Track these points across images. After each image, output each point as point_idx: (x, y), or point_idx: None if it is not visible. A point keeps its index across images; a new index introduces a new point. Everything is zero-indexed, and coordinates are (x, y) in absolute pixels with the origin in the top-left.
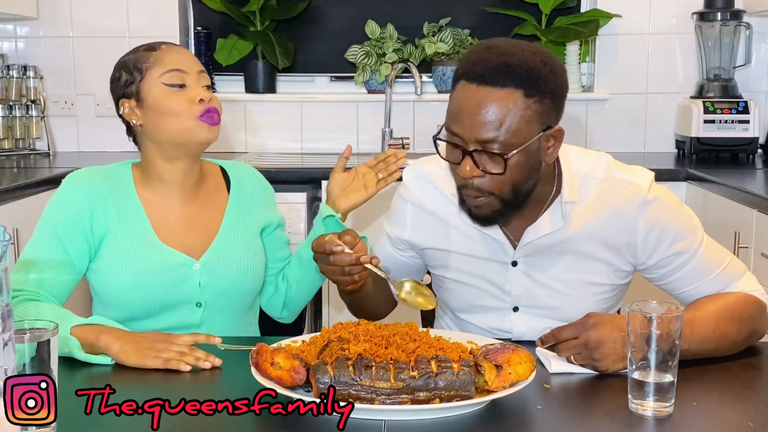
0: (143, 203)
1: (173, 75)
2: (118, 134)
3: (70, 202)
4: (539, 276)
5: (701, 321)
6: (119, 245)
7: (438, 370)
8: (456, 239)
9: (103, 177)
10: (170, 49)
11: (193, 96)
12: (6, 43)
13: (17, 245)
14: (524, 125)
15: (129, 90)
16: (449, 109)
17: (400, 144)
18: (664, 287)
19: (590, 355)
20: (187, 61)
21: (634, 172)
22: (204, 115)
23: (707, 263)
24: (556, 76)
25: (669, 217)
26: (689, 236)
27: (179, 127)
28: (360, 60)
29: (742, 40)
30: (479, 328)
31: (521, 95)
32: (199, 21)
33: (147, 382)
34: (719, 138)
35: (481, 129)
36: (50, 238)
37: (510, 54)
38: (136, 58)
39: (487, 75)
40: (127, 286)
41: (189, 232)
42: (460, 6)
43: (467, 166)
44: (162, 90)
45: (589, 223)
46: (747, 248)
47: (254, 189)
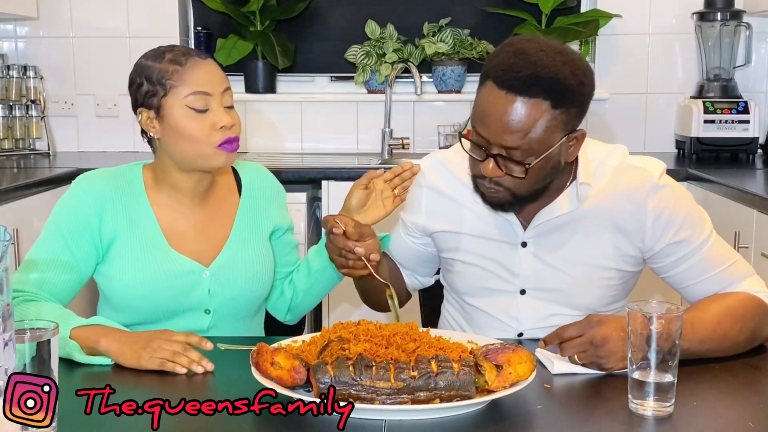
0: (154, 208)
1: (198, 98)
2: (118, 134)
3: (78, 205)
4: (548, 257)
5: (702, 320)
6: (129, 250)
7: (438, 370)
8: (468, 221)
9: (113, 179)
10: (197, 65)
11: (215, 122)
12: (6, 43)
13: (17, 245)
14: (549, 134)
15: (150, 102)
16: (476, 108)
17: (400, 144)
18: (670, 280)
19: (595, 352)
20: (213, 80)
21: (647, 160)
22: (224, 143)
23: (713, 258)
24: (584, 85)
25: (678, 205)
26: (697, 227)
27: (197, 151)
28: (360, 60)
29: (742, 40)
30: (486, 313)
31: (549, 106)
32: (199, 21)
33: (147, 382)
34: (719, 138)
35: (506, 136)
36: (56, 239)
37: (541, 65)
38: (160, 70)
39: (516, 84)
40: (136, 292)
41: (199, 238)
42: (460, 6)
43: (489, 166)
44: (184, 112)
45: (601, 204)
46: (747, 248)
47: (265, 191)
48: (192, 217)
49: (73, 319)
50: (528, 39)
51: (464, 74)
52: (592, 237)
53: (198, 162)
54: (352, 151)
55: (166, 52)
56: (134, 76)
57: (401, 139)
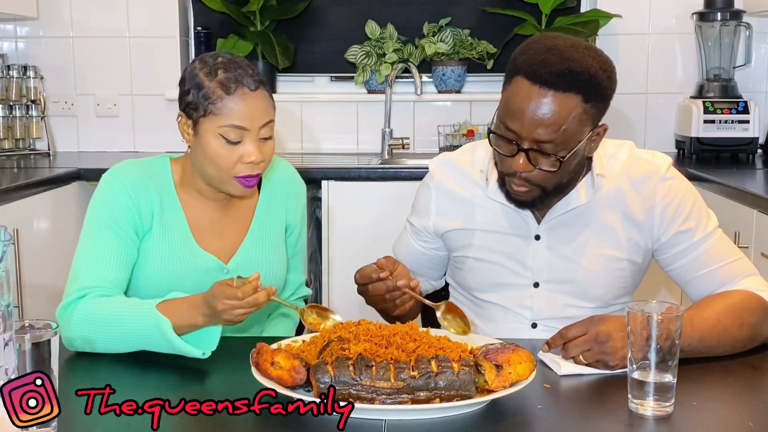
0: (182, 202)
1: (233, 131)
2: (118, 134)
3: (116, 195)
4: (562, 249)
5: (702, 317)
6: (157, 243)
7: (438, 369)
8: (480, 217)
9: (144, 171)
10: (243, 97)
11: (243, 155)
12: (6, 43)
13: (17, 245)
14: (579, 127)
15: (189, 113)
16: (506, 104)
17: (401, 144)
18: (673, 273)
19: (600, 349)
20: (255, 115)
21: (655, 154)
22: (243, 177)
23: (717, 253)
24: (612, 80)
25: (685, 195)
26: (703, 219)
27: (217, 176)
28: (360, 60)
29: (742, 40)
30: (499, 306)
31: (581, 100)
32: (199, 21)
33: (147, 382)
34: (719, 138)
35: (540, 129)
36: (102, 233)
37: (573, 60)
38: (208, 89)
39: (550, 79)
40: (158, 284)
41: (220, 234)
42: (460, 6)
43: (521, 160)
44: (217, 140)
45: (612, 195)
46: (747, 248)
47: (283, 188)
48: (215, 213)
49: (152, 301)
50: (554, 36)
51: (464, 74)
52: (604, 228)
53: (215, 183)
54: (352, 151)
55: (220, 69)
56: (185, 78)
57: (401, 139)
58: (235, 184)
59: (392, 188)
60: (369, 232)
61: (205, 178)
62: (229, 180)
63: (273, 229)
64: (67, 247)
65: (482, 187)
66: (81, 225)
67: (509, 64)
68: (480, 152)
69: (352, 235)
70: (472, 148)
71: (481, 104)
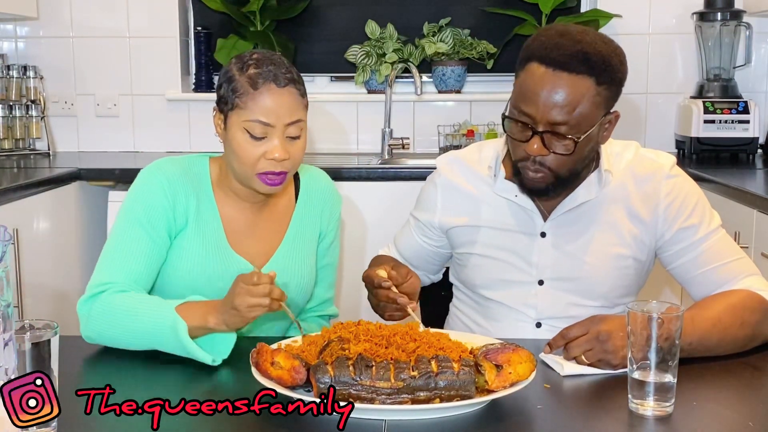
0: (218, 203)
1: (257, 126)
2: (118, 134)
3: (153, 192)
4: (567, 246)
5: (702, 316)
6: (192, 243)
7: (438, 369)
8: (486, 213)
9: (183, 169)
10: (269, 93)
11: (267, 151)
12: (6, 43)
13: (17, 245)
14: (593, 110)
15: (221, 106)
16: (519, 89)
17: (401, 144)
18: (675, 271)
19: (602, 347)
20: (280, 112)
21: (659, 153)
22: (265, 175)
23: (719, 251)
24: (623, 65)
25: (689, 193)
26: (706, 216)
27: (241, 172)
28: (360, 60)
29: (742, 40)
30: (503, 304)
31: (593, 83)
32: (199, 21)
33: (147, 382)
34: (719, 138)
35: (554, 112)
36: (134, 228)
37: (586, 42)
38: (237, 82)
39: (563, 61)
40: (189, 285)
41: (254, 239)
42: (460, 6)
43: (535, 145)
44: (242, 134)
45: (618, 193)
46: (747, 248)
47: (320, 198)
48: (251, 217)
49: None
50: (565, 24)
51: (464, 74)
52: (610, 225)
53: (241, 179)
54: (352, 151)
55: (252, 66)
56: (224, 71)
57: (401, 139)
58: (259, 182)
59: (392, 188)
60: (369, 232)
61: (234, 174)
62: (252, 176)
63: (307, 239)
64: (67, 247)
65: (490, 184)
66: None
67: (521, 53)
68: (487, 151)
69: (351, 234)
70: (479, 147)
71: (481, 104)
